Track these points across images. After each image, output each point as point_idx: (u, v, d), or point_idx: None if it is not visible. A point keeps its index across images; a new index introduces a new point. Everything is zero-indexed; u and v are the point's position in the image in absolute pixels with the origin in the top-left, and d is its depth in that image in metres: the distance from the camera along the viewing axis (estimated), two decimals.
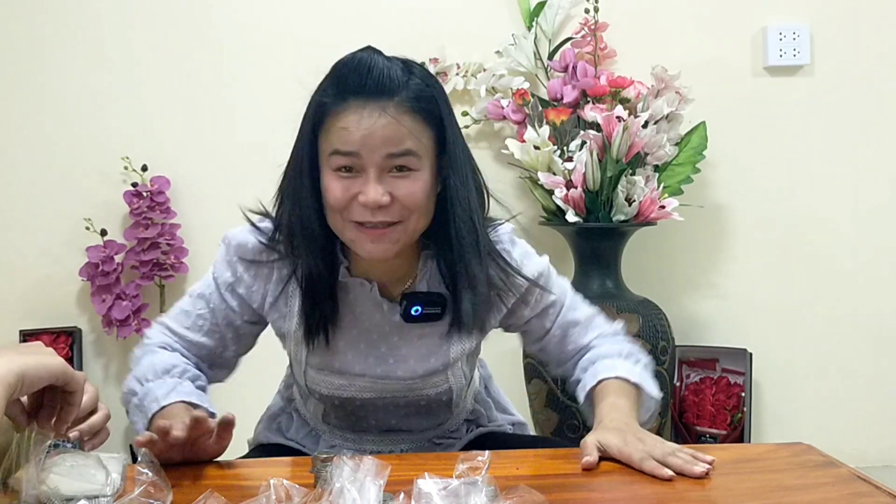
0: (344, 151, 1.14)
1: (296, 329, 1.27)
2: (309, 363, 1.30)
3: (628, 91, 2.41)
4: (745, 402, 2.48)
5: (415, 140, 1.15)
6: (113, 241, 2.50)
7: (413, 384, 1.30)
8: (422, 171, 1.16)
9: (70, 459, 0.96)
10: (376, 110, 1.13)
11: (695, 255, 2.69)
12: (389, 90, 1.14)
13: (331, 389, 1.30)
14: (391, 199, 1.15)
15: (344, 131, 1.14)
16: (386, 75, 1.14)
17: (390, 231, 1.17)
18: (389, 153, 1.14)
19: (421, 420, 1.36)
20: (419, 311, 1.25)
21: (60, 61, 2.56)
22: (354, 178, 1.15)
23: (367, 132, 1.13)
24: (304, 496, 0.89)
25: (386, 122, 1.13)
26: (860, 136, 2.66)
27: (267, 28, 2.59)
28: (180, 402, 1.21)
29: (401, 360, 1.29)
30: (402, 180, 1.15)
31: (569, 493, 1.04)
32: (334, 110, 1.15)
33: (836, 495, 1.02)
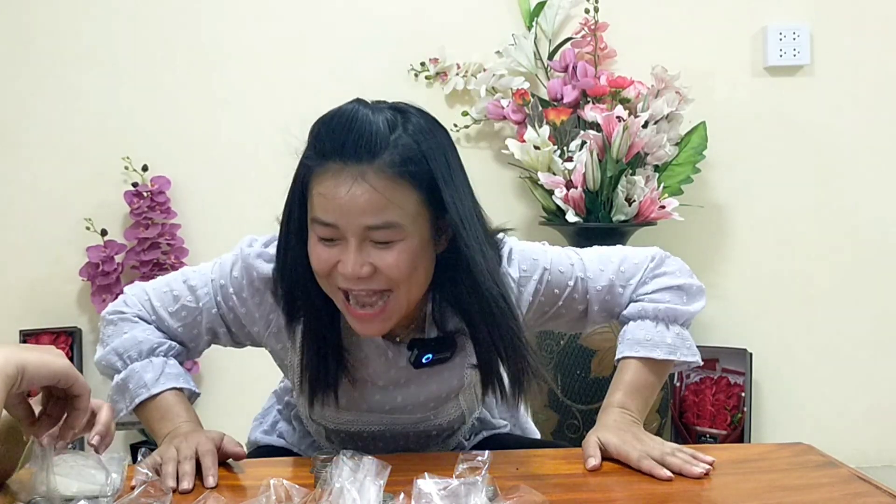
0: (322, 221, 1.07)
1: (296, 365, 1.21)
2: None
3: (628, 91, 2.41)
4: (745, 402, 2.48)
5: (396, 209, 1.05)
6: (113, 241, 2.50)
7: (424, 417, 1.25)
8: (407, 241, 1.07)
9: (70, 460, 0.97)
10: (352, 177, 1.04)
11: (695, 255, 2.68)
12: (370, 152, 1.04)
13: (336, 424, 1.26)
14: (373, 270, 1.07)
15: (322, 198, 1.06)
16: (367, 133, 1.04)
17: (379, 306, 1.09)
18: (368, 225, 1.05)
19: (430, 440, 1.31)
20: (430, 359, 1.18)
21: (61, 61, 2.56)
22: (336, 245, 1.08)
23: (344, 202, 1.04)
24: (304, 496, 0.90)
25: (363, 191, 1.03)
26: (860, 136, 2.66)
27: (268, 29, 2.59)
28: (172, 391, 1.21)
29: (410, 397, 1.23)
30: (384, 251, 1.06)
31: (569, 493, 1.04)
32: (315, 172, 1.07)
33: (836, 495, 1.02)
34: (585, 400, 2.29)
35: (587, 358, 2.27)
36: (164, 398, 1.20)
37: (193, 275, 1.25)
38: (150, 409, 1.21)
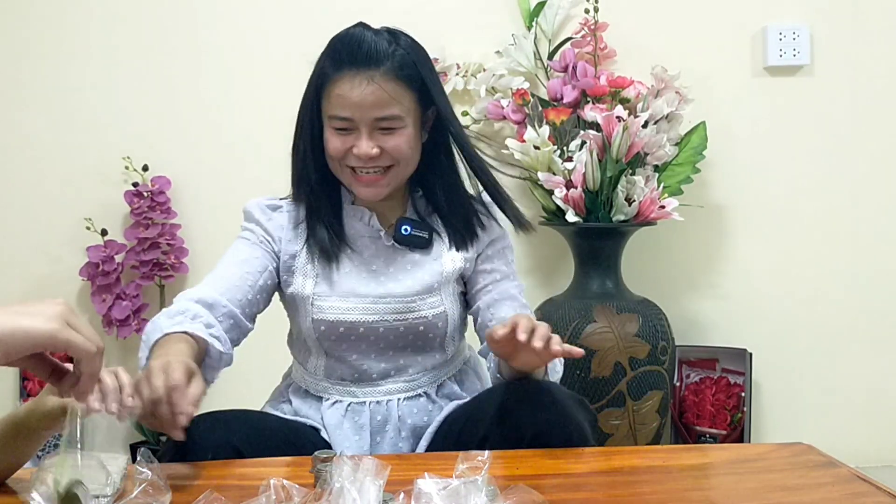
0: (340, 116, 1.38)
1: (304, 263, 1.45)
2: (315, 292, 1.43)
3: (628, 91, 2.41)
4: (745, 402, 2.48)
5: (398, 104, 1.37)
6: (113, 240, 2.50)
7: (411, 303, 1.43)
8: (406, 128, 1.39)
9: (70, 459, 0.97)
10: (365, 79, 1.36)
11: (695, 255, 2.69)
12: (376, 61, 1.36)
13: (336, 314, 1.42)
14: (380, 151, 1.38)
15: (340, 97, 1.37)
16: (373, 48, 1.36)
17: (382, 177, 1.41)
18: (377, 116, 1.37)
19: (416, 357, 1.46)
20: (409, 231, 1.45)
21: (61, 61, 2.56)
22: (349, 134, 1.39)
23: (358, 99, 1.36)
24: (305, 496, 0.90)
25: (373, 90, 1.35)
26: (860, 136, 2.66)
27: (267, 29, 2.59)
28: (181, 333, 1.27)
29: (397, 280, 1.44)
30: (388, 136, 1.39)
31: (569, 493, 1.04)
32: (332, 78, 1.38)
33: (836, 495, 1.02)
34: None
35: (587, 358, 2.27)
36: (171, 336, 1.27)
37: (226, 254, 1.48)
38: (154, 350, 1.26)
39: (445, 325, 1.46)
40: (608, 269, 2.44)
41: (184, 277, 2.57)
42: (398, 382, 1.45)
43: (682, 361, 2.57)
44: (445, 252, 1.48)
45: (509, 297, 1.48)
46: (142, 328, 2.49)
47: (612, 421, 2.30)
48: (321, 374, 1.47)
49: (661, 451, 1.40)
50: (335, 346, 1.44)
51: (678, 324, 2.55)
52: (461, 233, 1.48)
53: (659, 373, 2.33)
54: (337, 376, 1.46)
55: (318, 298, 1.43)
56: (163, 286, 2.54)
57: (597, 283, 2.43)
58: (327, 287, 1.44)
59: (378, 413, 1.43)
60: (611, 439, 2.31)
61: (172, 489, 0.98)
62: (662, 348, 2.34)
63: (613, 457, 1.24)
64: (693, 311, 2.68)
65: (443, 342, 1.48)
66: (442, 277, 1.46)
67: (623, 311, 2.33)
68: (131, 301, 2.48)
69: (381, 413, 1.43)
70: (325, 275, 1.44)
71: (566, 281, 2.51)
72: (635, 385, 2.29)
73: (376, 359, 1.45)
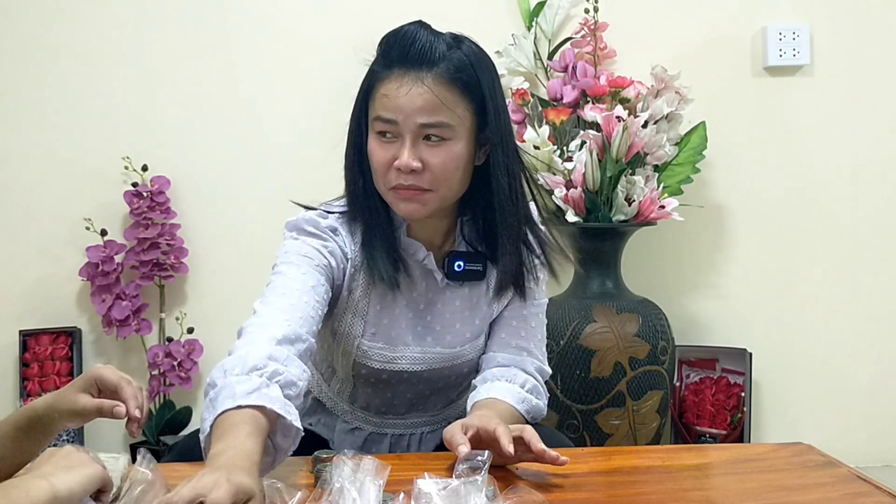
0: (384, 118, 1.23)
1: (357, 299, 1.32)
2: (363, 334, 1.32)
3: (628, 91, 2.41)
4: (745, 402, 2.48)
5: (447, 111, 1.21)
6: (113, 241, 2.50)
7: (460, 351, 1.35)
8: (455, 142, 1.23)
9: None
10: (414, 79, 1.21)
11: (695, 255, 2.69)
12: (430, 61, 1.22)
13: (381, 362, 1.33)
14: (423, 165, 1.22)
15: (385, 98, 1.23)
16: (428, 47, 1.22)
17: (421, 194, 1.23)
18: (422, 123, 1.21)
19: (446, 391, 1.40)
20: (462, 267, 1.31)
21: (61, 61, 2.56)
22: (392, 142, 1.23)
23: (404, 100, 1.21)
24: (305, 496, 0.90)
25: (422, 92, 1.20)
26: (860, 137, 2.66)
27: (266, 29, 2.59)
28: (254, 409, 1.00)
29: (447, 326, 1.34)
30: (434, 149, 1.22)
31: (569, 493, 1.04)
32: (380, 78, 1.25)
33: (836, 495, 1.02)
34: (585, 400, 2.29)
35: (587, 358, 2.27)
36: (241, 418, 0.99)
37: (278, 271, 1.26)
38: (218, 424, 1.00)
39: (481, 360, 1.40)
40: (608, 269, 2.44)
41: (184, 277, 2.57)
42: (423, 416, 1.40)
43: (682, 361, 2.57)
44: (495, 295, 1.36)
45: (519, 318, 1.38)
46: (142, 328, 2.50)
47: (612, 421, 2.30)
48: (345, 397, 1.41)
49: (661, 451, 1.40)
50: (370, 384, 1.37)
51: (678, 324, 2.55)
52: (508, 280, 1.32)
53: (659, 373, 2.33)
54: (361, 404, 1.39)
55: (367, 343, 1.33)
56: (162, 286, 2.54)
57: (597, 283, 2.43)
58: (376, 331, 1.32)
59: (398, 446, 1.38)
60: (611, 439, 2.31)
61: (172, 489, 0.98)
62: (662, 348, 2.34)
63: (613, 457, 1.24)
64: (693, 311, 2.68)
65: (471, 375, 1.42)
66: (491, 318, 1.39)
67: (623, 311, 2.33)
68: (131, 301, 2.48)
69: (400, 446, 1.39)
70: (375, 313, 1.32)
71: (566, 281, 2.51)
72: (635, 385, 2.29)
73: (408, 393, 1.39)
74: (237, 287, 2.41)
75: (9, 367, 2.53)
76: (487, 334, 1.41)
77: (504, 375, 1.34)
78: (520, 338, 1.38)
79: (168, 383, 2.50)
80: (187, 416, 2.53)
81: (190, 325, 2.54)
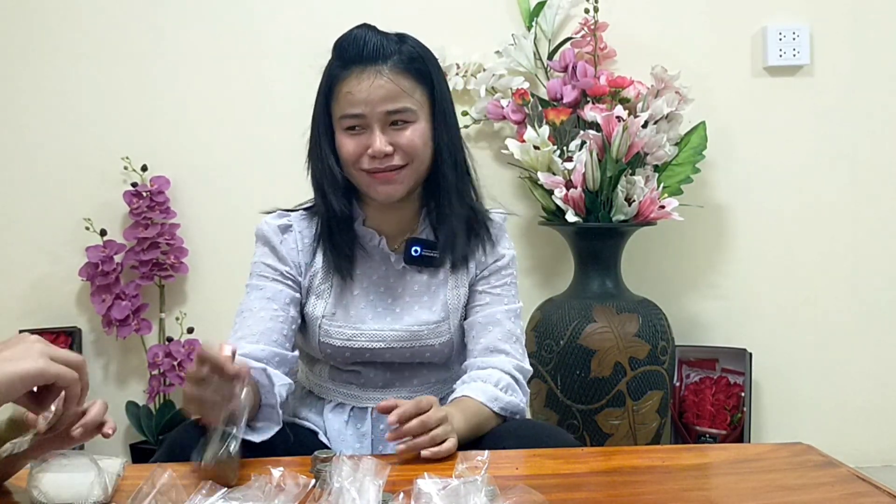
0: (351, 114, 1.34)
1: (319, 282, 1.42)
2: (325, 315, 1.41)
3: (628, 91, 2.41)
4: (745, 402, 2.48)
5: (408, 97, 1.35)
6: (113, 241, 2.50)
7: (419, 332, 1.41)
8: (418, 122, 1.36)
9: (65, 461, 0.96)
10: (373, 74, 1.33)
11: (695, 255, 2.69)
12: (384, 55, 1.34)
13: (343, 340, 1.41)
14: (394, 147, 1.34)
15: (349, 95, 1.34)
16: (379, 44, 1.35)
17: (397, 174, 1.36)
18: (388, 110, 1.34)
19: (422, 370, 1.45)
20: (419, 252, 1.41)
21: (60, 61, 2.56)
22: (362, 133, 1.35)
23: (368, 94, 1.33)
24: (303, 490, 0.90)
25: (382, 83, 1.33)
26: (860, 137, 2.66)
27: (266, 30, 2.59)
28: None
29: (406, 308, 1.42)
30: (401, 131, 1.35)
31: (569, 493, 1.04)
32: (340, 78, 1.36)
33: (836, 495, 1.02)
34: (585, 400, 2.29)
35: (587, 358, 2.27)
36: None
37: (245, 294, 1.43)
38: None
39: (451, 350, 1.45)
40: (608, 269, 2.44)
41: (183, 277, 2.57)
42: (402, 392, 1.45)
43: (682, 361, 2.57)
44: (450, 278, 1.45)
45: (493, 322, 1.44)
46: (141, 328, 2.50)
47: (612, 421, 2.30)
48: (326, 376, 1.48)
49: (661, 451, 1.40)
50: (340, 363, 1.45)
51: (678, 324, 2.55)
52: (458, 255, 1.43)
53: (659, 373, 2.33)
54: (342, 380, 1.46)
55: (327, 322, 1.41)
56: (162, 286, 2.54)
57: (597, 283, 2.43)
58: (337, 310, 1.42)
59: (381, 421, 1.42)
60: (611, 439, 2.31)
61: (171, 487, 0.98)
62: (662, 348, 2.34)
63: (613, 457, 1.24)
64: (693, 311, 2.68)
65: (447, 362, 1.48)
66: (450, 307, 1.44)
67: (623, 311, 2.33)
68: (131, 301, 2.48)
69: (383, 421, 1.41)
70: (336, 295, 1.42)
71: (566, 281, 2.51)
72: (635, 385, 2.29)
73: (382, 370, 1.45)
74: (237, 287, 2.40)
75: None
76: (460, 334, 1.45)
77: (480, 377, 1.39)
78: (497, 340, 1.43)
79: (168, 383, 2.50)
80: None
81: (190, 324, 2.54)
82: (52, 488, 0.94)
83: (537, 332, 2.36)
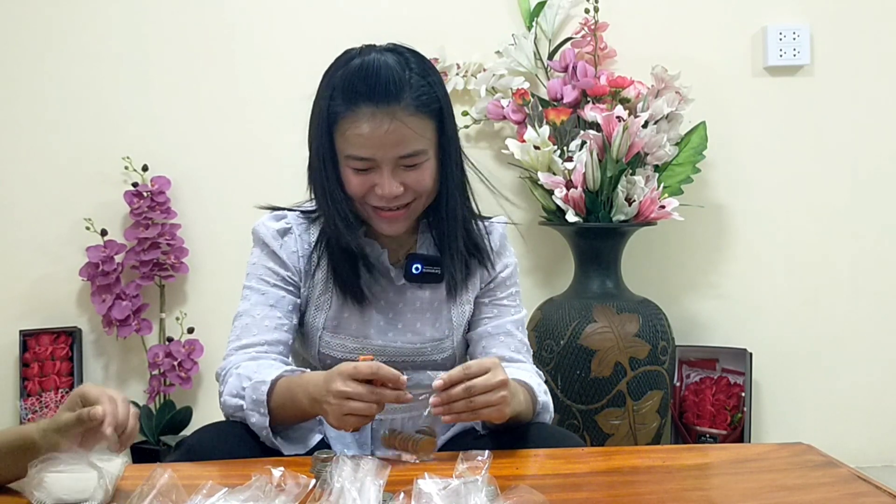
0: (360, 157, 1.28)
1: (319, 293, 1.40)
2: (325, 327, 1.39)
3: (628, 91, 2.41)
4: (745, 402, 2.48)
5: (421, 139, 1.29)
6: (113, 241, 2.50)
7: (422, 348, 1.40)
8: (428, 160, 1.32)
9: (64, 462, 0.97)
10: (387, 118, 1.26)
11: (695, 255, 2.69)
12: (396, 95, 1.26)
13: (344, 353, 1.39)
14: (404, 188, 1.30)
15: (359, 137, 1.27)
16: (390, 78, 1.26)
17: (404, 212, 1.33)
18: (401, 155, 1.28)
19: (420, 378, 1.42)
20: (420, 270, 1.38)
21: (61, 61, 2.56)
22: (370, 173, 1.30)
23: (381, 140, 1.26)
24: (303, 489, 0.90)
25: (396, 127, 1.26)
26: (860, 137, 2.66)
27: (266, 29, 2.59)
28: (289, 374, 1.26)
29: (408, 324, 1.41)
30: (412, 172, 1.30)
31: (569, 493, 1.04)
32: (347, 116, 1.28)
33: (836, 495, 1.02)
34: (585, 400, 2.29)
35: (587, 358, 2.27)
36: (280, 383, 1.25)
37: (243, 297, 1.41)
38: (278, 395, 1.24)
39: (453, 365, 1.42)
40: (608, 269, 2.44)
41: (184, 277, 2.57)
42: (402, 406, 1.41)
43: (682, 361, 2.57)
44: (453, 300, 1.43)
45: (504, 333, 1.44)
46: (142, 328, 2.50)
47: (612, 421, 2.30)
48: None
49: (661, 451, 1.40)
50: None
51: (678, 324, 2.55)
52: (462, 275, 1.40)
53: (659, 373, 2.33)
54: None
55: (328, 333, 1.40)
56: (163, 286, 2.54)
57: (597, 283, 2.43)
58: (339, 323, 1.40)
59: (381, 429, 1.40)
60: (611, 439, 2.31)
61: (171, 487, 0.98)
62: (662, 348, 2.34)
63: (613, 457, 1.24)
64: (693, 311, 2.68)
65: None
66: (454, 324, 1.44)
67: (623, 311, 2.33)
68: (131, 301, 2.48)
69: (383, 429, 1.40)
70: (337, 308, 1.40)
71: (566, 281, 2.51)
72: (635, 385, 2.29)
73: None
74: (237, 287, 2.40)
75: (9, 367, 2.53)
76: (462, 348, 1.45)
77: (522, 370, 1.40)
78: (511, 352, 1.44)
79: (168, 383, 2.50)
80: (187, 416, 2.53)
81: (190, 324, 2.54)
82: (53, 488, 0.94)
83: (537, 332, 2.36)
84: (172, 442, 2.44)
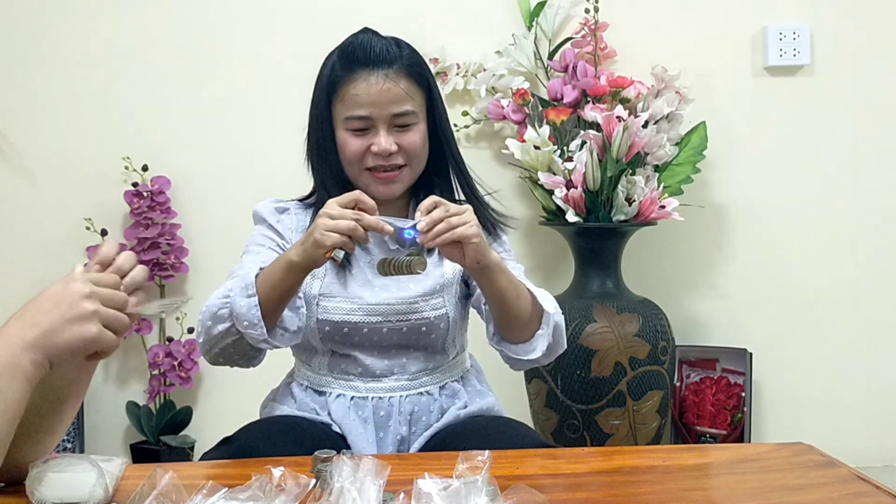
0: (358, 115, 1.41)
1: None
2: (322, 293, 1.45)
3: (628, 91, 2.41)
4: (745, 402, 2.48)
5: (412, 101, 1.43)
6: (113, 241, 2.50)
7: (413, 304, 1.45)
8: (419, 124, 1.45)
9: (65, 461, 0.97)
10: (381, 77, 1.41)
11: (695, 255, 2.69)
12: (389, 60, 1.42)
13: (341, 315, 1.44)
14: (398, 147, 1.42)
15: (356, 97, 1.41)
16: (384, 49, 1.43)
17: (398, 174, 1.44)
18: (394, 112, 1.42)
19: (419, 356, 1.48)
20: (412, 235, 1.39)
21: (61, 61, 2.56)
22: (366, 134, 1.43)
23: (376, 95, 1.40)
24: (304, 490, 0.90)
25: (390, 86, 1.41)
26: (860, 136, 2.66)
27: (266, 30, 2.59)
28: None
29: (402, 284, 1.47)
30: (405, 133, 1.44)
31: (569, 493, 1.04)
32: (345, 80, 1.42)
33: (836, 495, 1.02)
34: (585, 400, 2.29)
35: (587, 358, 2.27)
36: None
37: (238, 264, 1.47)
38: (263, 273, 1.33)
39: (447, 326, 1.47)
40: (608, 269, 2.44)
41: (184, 277, 2.57)
42: (401, 380, 1.47)
43: (683, 361, 2.57)
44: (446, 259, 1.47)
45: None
46: (142, 328, 2.50)
47: (612, 421, 2.30)
48: (325, 369, 1.49)
49: (661, 451, 1.40)
50: (339, 345, 1.47)
51: (678, 324, 2.55)
52: None
53: (659, 373, 2.33)
54: (341, 370, 1.48)
55: (325, 299, 1.45)
56: (163, 286, 2.54)
57: (597, 283, 2.43)
58: (334, 288, 1.46)
59: (381, 408, 1.45)
60: (611, 439, 2.31)
61: (171, 487, 0.98)
62: (662, 348, 2.34)
63: (613, 457, 1.24)
64: (693, 311, 2.68)
65: (444, 344, 1.50)
66: (444, 280, 1.48)
67: (623, 311, 2.33)
68: None
69: (383, 408, 1.45)
70: (332, 276, 1.46)
71: (566, 281, 2.51)
72: (635, 385, 2.29)
73: (380, 356, 1.47)
74: None
75: None
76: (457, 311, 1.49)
77: None
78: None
79: (168, 383, 2.50)
80: (187, 416, 2.53)
81: (190, 324, 2.54)
82: (53, 489, 0.94)
83: None
84: (172, 442, 2.44)
